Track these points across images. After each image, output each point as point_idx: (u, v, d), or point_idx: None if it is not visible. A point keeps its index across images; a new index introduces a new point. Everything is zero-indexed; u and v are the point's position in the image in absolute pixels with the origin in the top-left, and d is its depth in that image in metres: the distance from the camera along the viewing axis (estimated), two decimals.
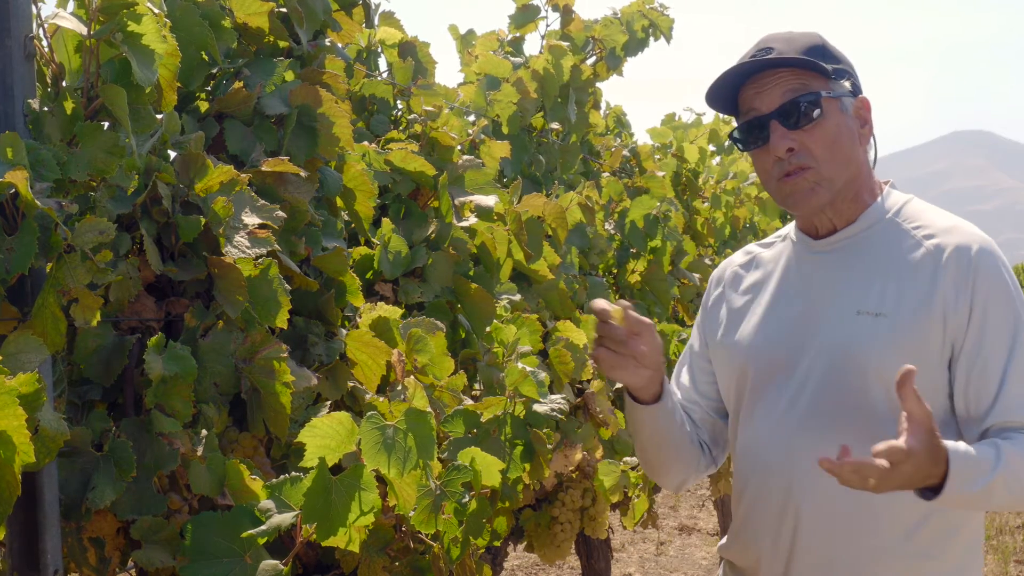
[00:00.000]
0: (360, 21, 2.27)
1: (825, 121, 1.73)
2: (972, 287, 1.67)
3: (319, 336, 1.83)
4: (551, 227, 2.82)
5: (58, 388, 1.42)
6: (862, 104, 1.79)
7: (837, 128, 1.74)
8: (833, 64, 1.76)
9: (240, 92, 1.82)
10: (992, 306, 1.67)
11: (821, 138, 1.73)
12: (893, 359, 1.65)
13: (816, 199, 1.75)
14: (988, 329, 1.66)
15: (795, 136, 1.73)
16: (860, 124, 1.78)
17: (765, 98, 1.75)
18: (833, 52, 1.79)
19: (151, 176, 1.55)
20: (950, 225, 1.73)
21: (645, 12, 4.14)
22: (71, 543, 1.44)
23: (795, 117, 1.73)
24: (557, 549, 2.73)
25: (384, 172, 2.30)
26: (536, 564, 6.54)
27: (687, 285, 4.20)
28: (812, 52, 1.75)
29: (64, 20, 1.43)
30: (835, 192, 1.76)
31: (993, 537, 7.41)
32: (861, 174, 1.79)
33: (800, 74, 1.73)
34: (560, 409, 2.22)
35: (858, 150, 1.78)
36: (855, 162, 1.77)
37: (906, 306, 1.69)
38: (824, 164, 1.73)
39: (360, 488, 1.43)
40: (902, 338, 1.68)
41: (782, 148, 1.73)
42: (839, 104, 1.75)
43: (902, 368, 1.53)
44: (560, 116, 3.67)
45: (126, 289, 1.52)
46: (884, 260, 1.75)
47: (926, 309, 1.68)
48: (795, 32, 1.81)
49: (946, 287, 1.67)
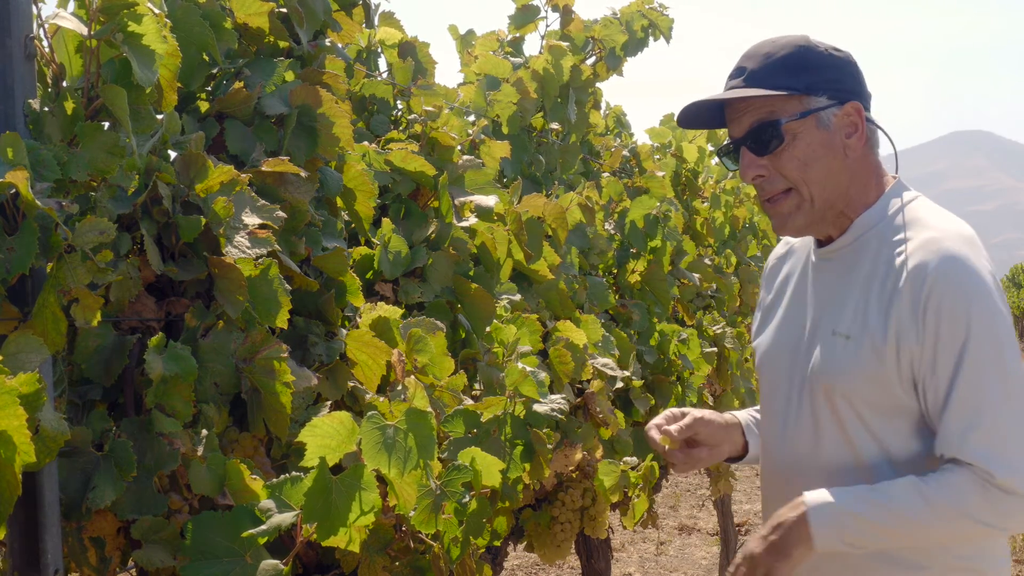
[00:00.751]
0: (360, 21, 2.27)
1: (795, 143, 1.70)
2: (923, 313, 1.62)
3: (319, 336, 1.83)
4: (551, 227, 2.82)
5: (58, 388, 1.42)
6: (851, 110, 1.72)
7: (808, 148, 1.70)
8: (810, 78, 1.70)
9: (240, 92, 1.82)
10: (941, 332, 1.61)
11: (791, 160, 1.71)
12: (857, 384, 1.68)
13: (795, 222, 1.75)
14: (937, 358, 1.62)
15: (764, 163, 1.72)
16: (847, 134, 1.72)
17: (737, 124, 1.76)
18: (814, 60, 1.72)
19: (151, 176, 1.56)
20: (927, 237, 1.66)
21: (645, 12, 4.14)
22: (71, 543, 1.44)
23: (762, 143, 1.71)
24: (557, 549, 2.73)
25: (384, 172, 2.30)
26: (536, 564, 6.54)
27: (687, 285, 4.20)
28: (787, 67, 1.70)
29: (64, 20, 1.43)
30: (816, 212, 1.74)
31: None
32: (852, 184, 1.75)
33: (770, 99, 1.70)
34: (560, 409, 2.22)
35: (843, 162, 1.73)
36: (836, 176, 1.73)
37: (867, 328, 1.67)
38: (800, 185, 1.72)
39: (360, 488, 1.43)
40: (863, 362, 1.67)
41: (749, 176, 1.74)
42: (815, 121, 1.70)
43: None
44: (560, 116, 3.67)
45: (126, 289, 1.53)
46: (863, 276, 1.72)
47: (883, 333, 1.65)
48: (778, 42, 1.75)
49: (901, 311, 1.64)
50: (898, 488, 1.62)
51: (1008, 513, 1.59)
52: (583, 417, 2.75)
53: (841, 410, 1.71)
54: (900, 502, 1.61)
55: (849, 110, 1.72)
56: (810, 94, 1.70)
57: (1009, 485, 1.57)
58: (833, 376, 1.71)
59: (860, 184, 1.76)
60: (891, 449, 1.69)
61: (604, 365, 2.85)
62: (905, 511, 1.60)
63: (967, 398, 1.59)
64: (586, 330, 2.75)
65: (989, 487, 1.57)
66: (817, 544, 1.63)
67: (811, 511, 1.63)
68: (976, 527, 1.60)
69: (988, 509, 1.58)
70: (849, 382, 1.69)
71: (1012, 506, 1.58)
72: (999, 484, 1.57)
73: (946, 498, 1.59)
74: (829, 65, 1.73)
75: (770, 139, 1.70)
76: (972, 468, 1.58)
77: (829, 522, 1.62)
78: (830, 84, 1.71)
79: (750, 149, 1.73)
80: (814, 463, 1.76)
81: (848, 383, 1.69)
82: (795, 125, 1.70)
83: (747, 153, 1.74)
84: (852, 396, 1.69)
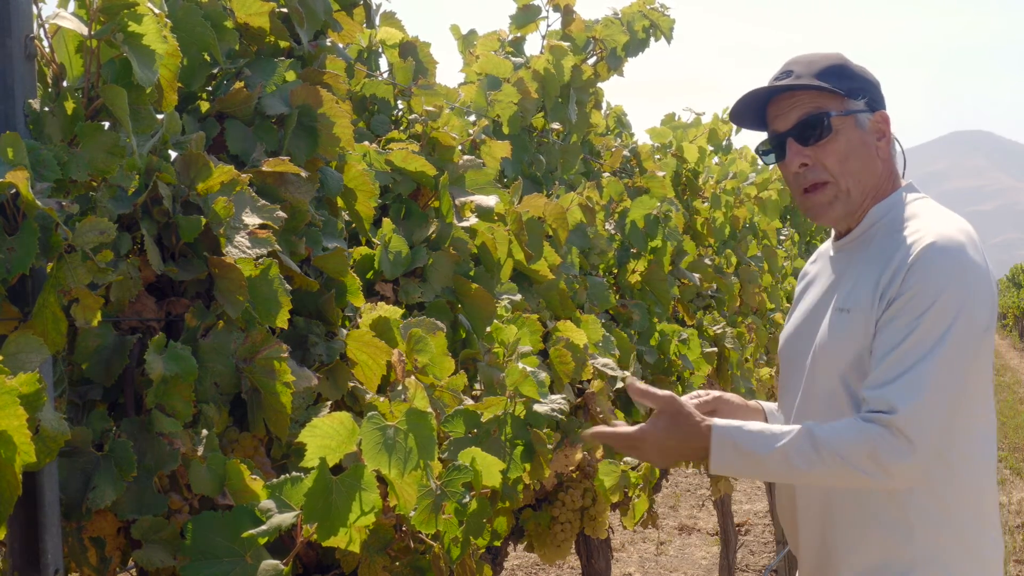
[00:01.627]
0: (361, 21, 2.27)
1: (837, 137, 1.89)
2: (902, 280, 1.75)
3: (319, 336, 1.83)
4: (551, 227, 2.82)
5: (59, 388, 1.42)
6: (880, 119, 1.93)
7: (849, 143, 1.89)
8: (849, 84, 1.91)
9: (241, 92, 1.82)
10: (910, 296, 1.74)
11: (833, 153, 1.89)
12: (848, 353, 1.84)
13: (833, 212, 1.93)
14: (897, 318, 1.74)
15: (809, 152, 1.90)
16: (877, 137, 1.92)
17: (783, 118, 1.94)
18: (852, 71, 1.94)
19: (152, 176, 1.55)
20: (923, 225, 1.82)
21: (646, 12, 4.14)
22: (72, 543, 1.44)
23: (807, 135, 1.90)
24: (557, 549, 2.73)
25: (385, 172, 2.29)
26: (536, 564, 6.54)
27: (687, 285, 4.20)
28: (829, 73, 1.91)
29: (65, 20, 1.43)
30: (852, 203, 1.92)
31: None
32: (876, 182, 1.93)
33: (815, 96, 1.90)
34: (560, 409, 2.22)
35: (875, 162, 1.92)
36: (871, 173, 1.92)
37: (863, 300, 1.82)
38: (839, 177, 1.90)
39: (361, 488, 1.43)
40: (857, 331, 1.82)
41: (796, 163, 1.92)
42: (854, 121, 1.90)
43: (628, 381, 1.86)
44: (561, 116, 3.67)
45: (127, 289, 1.52)
46: (868, 258, 1.88)
47: (872, 302, 1.80)
48: (818, 54, 1.96)
49: (885, 281, 1.78)
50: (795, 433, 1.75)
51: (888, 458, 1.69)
52: (583, 417, 2.75)
53: (839, 379, 1.85)
54: (792, 446, 1.74)
55: (880, 118, 1.93)
56: (852, 97, 1.90)
57: (902, 425, 1.67)
58: (834, 347, 1.87)
59: (883, 183, 1.94)
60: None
61: (604, 365, 2.85)
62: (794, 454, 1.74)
63: (909, 353, 1.71)
64: (586, 330, 2.75)
65: (881, 432, 1.68)
66: (712, 466, 1.79)
67: (716, 429, 1.79)
68: (856, 476, 1.72)
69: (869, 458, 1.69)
70: (841, 350, 1.84)
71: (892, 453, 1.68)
72: (893, 421, 1.67)
73: (835, 444, 1.72)
74: (864, 78, 1.95)
75: (816, 130, 1.89)
76: (872, 415, 1.70)
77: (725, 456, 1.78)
78: (867, 92, 1.92)
79: (796, 140, 1.91)
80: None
81: (840, 351, 1.84)
82: (839, 121, 1.89)
83: (793, 144, 1.92)
84: (846, 365, 1.84)
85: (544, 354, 2.56)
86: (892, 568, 1.83)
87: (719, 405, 2.03)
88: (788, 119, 1.92)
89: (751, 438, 1.78)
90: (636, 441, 1.84)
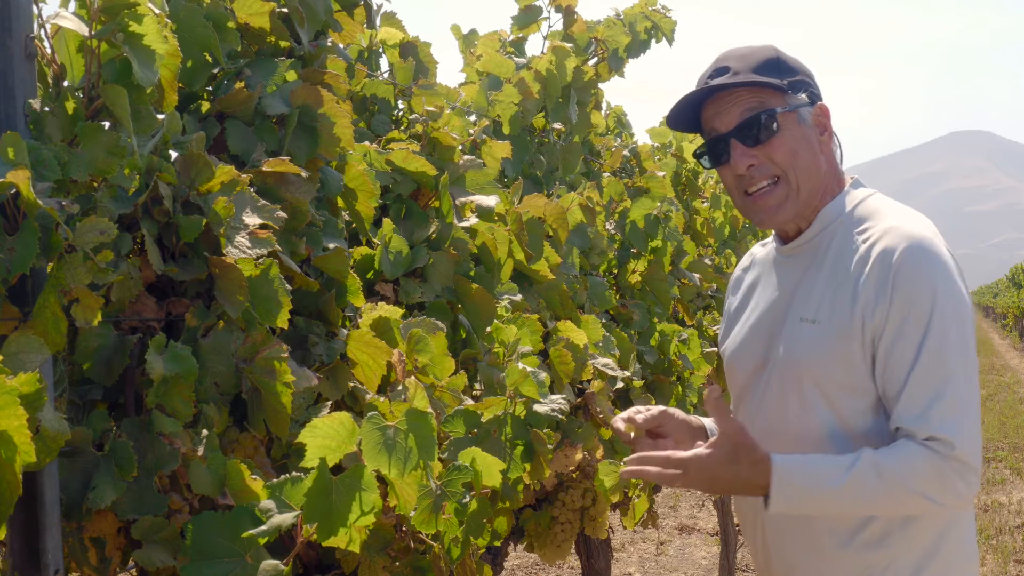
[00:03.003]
0: (361, 21, 2.27)
1: (783, 134, 1.79)
2: (891, 290, 1.68)
3: (320, 336, 1.83)
4: (552, 227, 2.82)
5: (59, 388, 1.42)
6: (821, 111, 1.84)
7: (794, 139, 1.80)
8: (788, 77, 1.81)
9: (241, 92, 1.82)
10: (907, 308, 1.67)
11: (780, 150, 1.80)
12: (824, 365, 1.75)
13: (783, 213, 1.83)
14: (901, 332, 1.68)
15: (755, 152, 1.80)
16: (819, 132, 1.84)
17: (724, 118, 1.82)
18: (789, 64, 1.84)
19: (152, 176, 1.55)
20: (888, 226, 1.74)
21: (648, 14, 4.14)
22: (72, 543, 1.44)
23: (753, 134, 1.80)
24: (557, 549, 2.73)
25: (385, 172, 2.29)
26: (536, 564, 6.54)
27: (687, 285, 4.20)
28: (766, 67, 1.81)
29: (65, 20, 1.43)
30: (801, 203, 1.83)
31: (993, 537, 7.41)
32: (822, 180, 1.84)
33: (756, 92, 1.80)
34: (560, 409, 2.22)
35: (818, 158, 1.83)
36: (816, 169, 1.83)
37: (835, 312, 1.74)
38: (790, 172, 1.80)
39: (361, 488, 1.43)
40: (830, 344, 1.74)
41: (743, 165, 1.81)
42: (796, 116, 1.81)
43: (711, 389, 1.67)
44: (562, 116, 3.67)
45: (127, 289, 1.53)
46: (829, 265, 1.80)
47: (849, 314, 1.72)
48: (752, 47, 1.86)
49: (868, 291, 1.70)
50: (857, 462, 1.67)
51: (954, 488, 1.64)
52: (583, 417, 2.75)
53: (807, 391, 1.78)
54: (856, 474, 1.66)
55: (820, 111, 1.84)
56: (793, 91, 1.81)
57: (963, 458, 1.63)
58: (800, 359, 1.78)
59: (827, 179, 1.86)
60: (852, 425, 1.75)
61: (604, 365, 2.85)
62: (860, 483, 1.66)
63: (931, 371, 1.65)
64: (587, 330, 2.75)
65: (945, 461, 1.63)
66: (771, 507, 1.69)
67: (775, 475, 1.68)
68: (922, 502, 1.66)
69: (937, 484, 1.64)
70: (816, 364, 1.76)
71: (966, 480, 1.64)
72: (956, 456, 1.62)
73: (900, 471, 1.65)
74: (800, 70, 1.85)
75: (762, 129, 1.79)
76: (928, 443, 1.64)
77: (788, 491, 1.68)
78: (805, 85, 1.83)
79: (740, 140, 1.81)
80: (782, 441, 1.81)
81: (815, 365, 1.76)
82: (784, 117, 1.80)
83: (738, 145, 1.81)
84: (819, 377, 1.76)
85: (544, 354, 2.56)
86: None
87: (664, 420, 1.91)
88: (728, 119, 1.81)
89: (818, 472, 1.68)
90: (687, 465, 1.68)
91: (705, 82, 1.83)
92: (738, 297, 2.03)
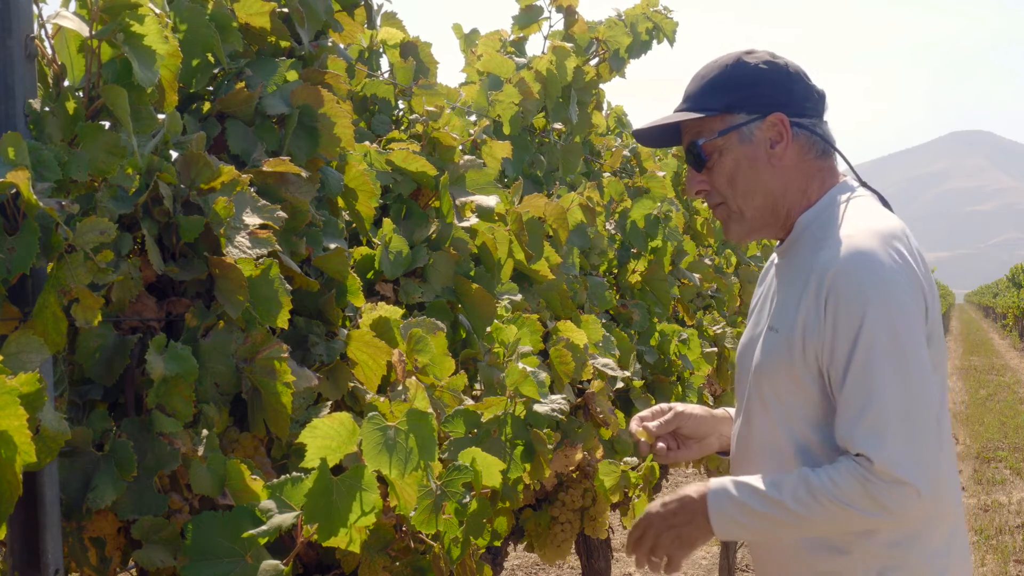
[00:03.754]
0: (362, 22, 2.27)
1: (722, 159, 1.82)
2: (824, 306, 1.69)
3: (320, 336, 1.83)
4: (552, 227, 2.82)
5: (59, 388, 1.42)
6: (771, 123, 1.80)
7: (734, 162, 1.82)
8: (727, 98, 1.80)
9: (242, 92, 1.82)
10: (838, 325, 1.67)
11: (720, 175, 1.83)
12: (776, 372, 1.78)
13: (734, 231, 1.89)
14: (835, 351, 1.68)
15: (702, 177, 1.86)
16: (771, 144, 1.81)
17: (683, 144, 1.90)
18: (738, 79, 1.81)
19: (153, 176, 1.55)
20: (841, 234, 1.73)
21: (649, 15, 4.13)
22: (72, 543, 1.44)
23: (695, 161, 1.85)
24: (557, 549, 2.73)
25: (385, 172, 2.29)
26: (536, 564, 6.54)
27: (687, 285, 4.20)
28: (713, 88, 1.82)
29: (66, 20, 1.43)
30: (748, 221, 1.86)
31: (993, 537, 7.41)
32: (788, 189, 1.83)
33: (698, 120, 1.84)
34: (560, 409, 2.22)
35: (765, 173, 1.82)
36: (768, 185, 1.82)
37: (787, 322, 1.76)
38: (730, 199, 1.85)
39: (361, 488, 1.43)
40: (783, 353, 1.76)
41: (692, 191, 1.88)
42: (737, 136, 1.80)
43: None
44: (562, 117, 3.67)
45: (127, 289, 1.53)
46: (793, 273, 1.81)
47: (793, 325, 1.74)
48: (714, 63, 1.86)
49: (807, 306, 1.72)
50: (791, 482, 1.69)
51: (889, 503, 1.62)
52: (583, 417, 2.75)
53: (768, 399, 1.80)
54: (791, 494, 1.67)
55: (773, 121, 1.80)
56: (730, 112, 1.81)
57: (886, 473, 1.61)
58: (761, 367, 1.81)
59: (797, 188, 1.84)
60: (810, 437, 1.76)
61: (604, 365, 2.85)
62: (795, 502, 1.67)
63: (857, 387, 1.65)
64: (587, 330, 2.75)
65: (869, 476, 1.62)
66: (715, 527, 1.73)
67: (711, 495, 1.73)
68: (860, 517, 1.65)
69: (867, 500, 1.63)
70: (771, 372, 1.78)
71: (892, 495, 1.62)
72: (876, 471, 1.61)
73: (829, 488, 1.64)
74: (753, 81, 1.81)
75: (697, 157, 1.84)
76: (855, 459, 1.64)
77: (725, 508, 1.72)
78: (751, 100, 1.80)
79: (692, 166, 1.87)
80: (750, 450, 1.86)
81: (770, 373, 1.79)
82: (718, 143, 1.82)
83: (690, 170, 1.88)
84: (775, 385, 1.78)
85: (544, 354, 2.56)
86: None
87: (682, 422, 1.95)
88: (683, 145, 1.89)
89: (747, 493, 1.71)
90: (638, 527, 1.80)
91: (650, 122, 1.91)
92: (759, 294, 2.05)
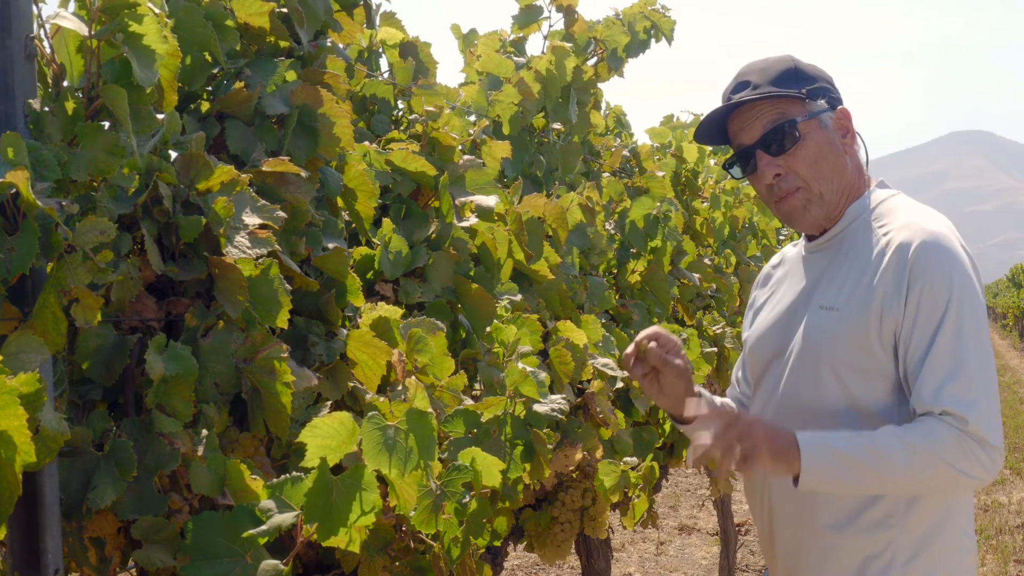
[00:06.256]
0: (361, 21, 2.27)
1: (805, 143, 1.89)
2: (908, 280, 1.76)
3: (320, 336, 1.83)
4: (551, 227, 2.82)
5: (59, 388, 1.42)
6: (842, 115, 1.93)
7: (818, 146, 1.89)
8: (808, 85, 1.90)
9: (241, 92, 1.82)
10: (924, 297, 1.75)
11: (804, 159, 1.89)
12: (840, 349, 1.84)
13: (809, 216, 1.93)
14: (918, 320, 1.76)
15: (780, 162, 1.90)
16: (842, 134, 1.92)
17: (748, 131, 1.92)
18: (807, 73, 1.92)
19: (152, 176, 1.55)
20: (905, 222, 1.83)
21: (647, 14, 4.13)
22: (72, 543, 1.44)
23: (777, 145, 1.89)
24: (557, 549, 2.73)
25: (385, 172, 2.29)
26: (536, 564, 6.54)
27: (687, 285, 4.20)
28: (785, 78, 1.90)
29: (65, 20, 1.43)
30: (827, 206, 1.93)
31: (993, 537, 7.41)
32: (848, 180, 1.94)
33: (776, 103, 1.90)
34: (560, 409, 2.22)
35: (843, 159, 1.92)
36: (841, 172, 1.92)
37: (853, 300, 1.83)
38: (812, 182, 1.90)
39: (361, 488, 1.43)
40: (847, 329, 1.82)
41: (769, 175, 1.91)
42: (818, 122, 1.90)
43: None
44: (561, 116, 3.67)
45: (127, 289, 1.52)
46: (850, 257, 1.89)
47: (867, 302, 1.80)
48: (770, 59, 1.95)
49: (886, 281, 1.79)
50: (880, 433, 1.74)
51: (977, 460, 1.70)
52: (583, 417, 2.75)
53: (823, 375, 1.85)
54: (882, 444, 1.72)
55: (841, 114, 1.93)
56: (812, 98, 1.90)
57: (979, 433, 1.69)
58: (818, 344, 1.87)
59: (852, 179, 1.95)
60: (864, 407, 1.82)
61: (604, 365, 2.85)
62: (887, 452, 1.71)
63: (946, 354, 1.72)
64: (586, 330, 2.75)
65: (963, 434, 1.69)
66: (804, 473, 1.72)
67: (802, 440, 1.74)
68: (949, 472, 1.71)
69: (960, 454, 1.69)
70: (832, 348, 1.84)
71: (980, 454, 1.70)
72: (970, 431, 1.69)
73: (924, 441, 1.70)
74: (819, 76, 1.93)
75: (785, 139, 1.88)
76: (945, 418, 1.70)
77: (818, 454, 1.73)
78: (824, 91, 1.92)
79: (765, 151, 1.90)
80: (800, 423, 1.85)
81: (832, 350, 1.84)
82: (805, 125, 1.89)
83: (763, 155, 1.91)
84: (835, 361, 1.84)
85: (544, 354, 2.56)
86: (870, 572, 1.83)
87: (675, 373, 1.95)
88: (753, 131, 1.91)
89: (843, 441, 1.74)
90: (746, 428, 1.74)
91: (728, 97, 1.93)
92: (765, 291, 2.12)
